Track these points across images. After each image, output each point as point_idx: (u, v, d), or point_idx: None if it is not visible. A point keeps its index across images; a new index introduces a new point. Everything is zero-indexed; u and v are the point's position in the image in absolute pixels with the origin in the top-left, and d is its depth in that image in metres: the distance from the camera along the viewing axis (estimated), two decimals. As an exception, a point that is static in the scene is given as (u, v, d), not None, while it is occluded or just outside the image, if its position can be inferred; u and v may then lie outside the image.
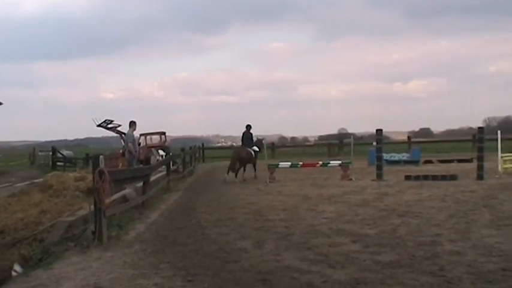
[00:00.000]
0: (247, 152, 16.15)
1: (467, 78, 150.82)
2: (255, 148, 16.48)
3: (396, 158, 21.68)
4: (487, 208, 8.51)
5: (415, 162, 20.85)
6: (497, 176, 13.96)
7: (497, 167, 14.44)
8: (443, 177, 13.70)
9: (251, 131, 16.33)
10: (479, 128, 14.78)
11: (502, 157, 14.50)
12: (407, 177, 14.21)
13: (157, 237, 6.91)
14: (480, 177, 13.50)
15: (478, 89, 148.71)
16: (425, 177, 13.93)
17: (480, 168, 13.68)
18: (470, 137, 31.24)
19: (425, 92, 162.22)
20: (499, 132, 14.66)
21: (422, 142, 39.29)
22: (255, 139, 16.55)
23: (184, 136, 69.01)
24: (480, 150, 14.02)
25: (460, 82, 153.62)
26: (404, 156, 21.89)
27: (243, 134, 16.39)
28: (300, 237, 6.72)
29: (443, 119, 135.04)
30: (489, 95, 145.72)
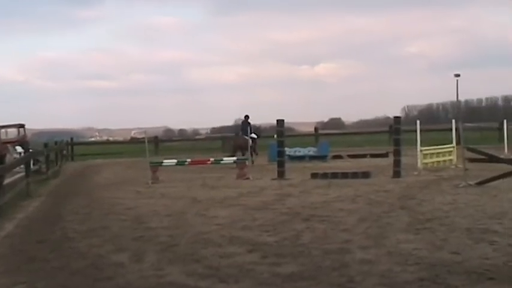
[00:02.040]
0: (245, 140, 20.02)
1: (384, 61, 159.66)
2: (253, 135, 21.19)
3: (301, 153, 22.43)
4: (404, 210, 9.01)
5: (323, 158, 21.72)
6: (416, 173, 14.91)
7: (417, 162, 15.52)
8: (355, 175, 14.36)
9: (249, 120, 21.42)
10: (395, 117, 15.77)
11: (421, 151, 15.62)
12: (314, 176, 14.69)
13: (12, 253, 6.85)
14: (397, 174, 14.36)
15: (396, 73, 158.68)
16: (334, 175, 14.50)
17: (397, 164, 14.60)
18: (386, 128, 33.52)
19: (336, 77, 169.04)
20: (418, 122, 15.80)
21: (331, 134, 41.02)
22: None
23: (50, 129, 65.83)
24: (397, 143, 14.96)
25: (376, 65, 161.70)
26: (310, 151, 22.69)
27: (242, 123, 21.65)
28: (186, 248, 6.71)
29: (357, 108, 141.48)
30: (409, 80, 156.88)
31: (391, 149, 15.93)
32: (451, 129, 17.42)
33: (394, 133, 15.39)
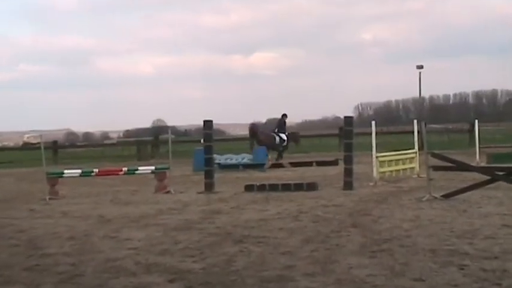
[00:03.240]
0: (270, 137, 24.86)
1: (333, 50, 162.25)
2: (282, 136, 25.29)
3: (234, 161, 22.60)
4: (357, 228, 9.18)
5: (260, 167, 22.02)
6: (371, 184, 15.27)
7: (372, 171, 15.86)
8: (298, 187, 14.54)
9: (285, 119, 26.00)
10: (346, 117, 16.06)
11: (377, 158, 16.01)
12: (249, 188, 14.80)
13: None
14: (348, 185, 14.63)
15: (347, 64, 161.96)
16: (274, 188, 14.65)
17: (348, 173, 14.88)
18: (336, 131, 34.06)
19: (275, 69, 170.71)
20: (373, 123, 16.18)
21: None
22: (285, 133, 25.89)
23: None
24: (348, 148, 15.24)
25: (323, 55, 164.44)
26: (244, 158, 22.88)
27: (278, 121, 26.38)
28: (93, 278, 6.65)
29: (300, 106, 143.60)
30: (363, 72, 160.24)
31: (342, 156, 16.22)
32: (413, 132, 17.91)
33: (345, 136, 15.66)
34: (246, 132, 41.10)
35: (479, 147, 21.79)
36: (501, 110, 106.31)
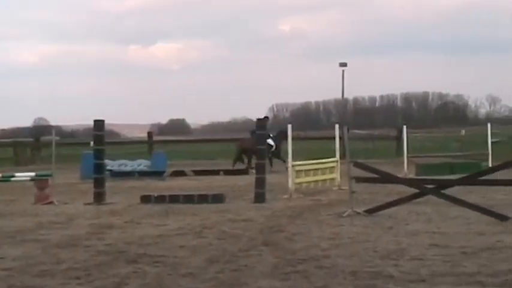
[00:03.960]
0: (253, 142, 23.74)
1: (247, 42, 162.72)
2: (268, 141, 24.01)
3: (129, 168, 22.44)
4: (269, 247, 9.27)
5: (159, 174, 22.01)
6: (286, 196, 15.51)
7: (287, 181, 16.10)
8: (203, 199, 14.61)
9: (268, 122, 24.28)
10: (259, 120, 16.23)
11: (293, 166, 16.25)
12: (145, 199, 14.78)
13: None
14: (260, 198, 14.78)
15: (262, 59, 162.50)
16: (174, 199, 14.67)
17: (260, 183, 15.01)
18: (248, 135, 34.11)
19: (181, 62, 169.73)
20: (289, 126, 16.38)
21: (172, 142, 41.45)
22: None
23: None
24: (261, 155, 15.44)
25: (236, 48, 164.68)
26: (141, 164, 22.78)
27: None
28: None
29: (206, 107, 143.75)
30: (279, 69, 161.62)
31: (253, 164, 16.36)
32: (334, 138, 18.27)
33: (257, 142, 15.81)
34: (144, 134, 40.89)
35: (407, 157, 22.49)
36: (432, 115, 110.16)
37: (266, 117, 25.66)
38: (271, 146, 25.44)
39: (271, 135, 25.91)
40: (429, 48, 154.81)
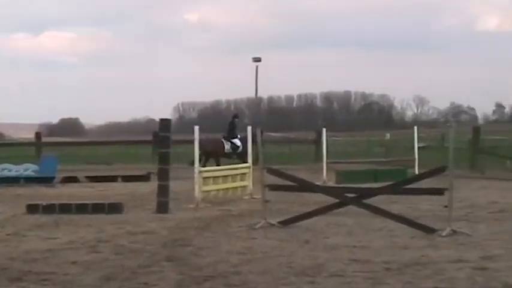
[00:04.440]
0: (217, 144, 26.11)
1: (149, 33, 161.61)
2: (235, 141, 26.24)
3: (13, 173, 21.98)
4: (173, 262, 9.26)
5: (48, 181, 21.71)
6: (192, 206, 15.49)
7: (194, 189, 16.05)
8: (98, 208, 14.46)
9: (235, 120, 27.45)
10: (162, 120, 16.13)
11: (200, 172, 16.23)
12: (32, 208, 14.55)
13: None
14: (163, 207, 14.72)
15: (166, 53, 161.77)
16: (65, 209, 14.47)
17: (163, 191, 14.93)
18: (149, 137, 33.88)
19: (73, 54, 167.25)
20: (196, 128, 16.34)
21: (63, 144, 40.84)
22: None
23: None
24: (164, 159, 15.31)
25: (137, 39, 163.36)
26: (28, 169, 22.33)
27: (229, 123, 27.52)
28: None
29: (103, 105, 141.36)
30: (185, 64, 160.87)
31: (155, 169, 16.29)
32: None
33: (160, 144, 15.72)
34: (31, 135, 40.04)
35: (326, 163, 22.80)
36: (355, 116, 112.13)
37: (236, 116, 28.01)
38: (237, 147, 26.11)
39: (239, 136, 26.46)
40: (352, 45, 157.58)
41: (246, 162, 24.58)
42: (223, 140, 26.62)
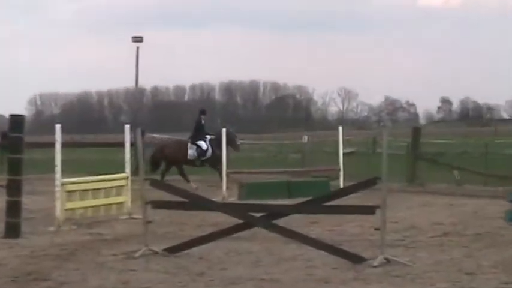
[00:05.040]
0: (178, 147, 26.82)
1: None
2: (201, 144, 26.54)
3: None
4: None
5: None
6: (52, 228, 15.40)
7: (55, 206, 15.94)
8: None
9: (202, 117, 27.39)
10: (13, 117, 15.88)
11: (63, 185, 16.00)
12: None
13: None
14: (13, 230, 14.61)
15: (22, 32, 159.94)
16: None
17: (14, 210, 14.79)
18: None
19: None
20: (58, 127, 16.16)
21: None
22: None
23: None
24: (15, 168, 15.04)
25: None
26: None
27: (197, 122, 27.55)
28: None
29: None
30: (47, 46, 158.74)
31: (3, 180, 16.04)
32: (124, 144, 18.21)
33: (10, 148, 15.50)
34: None
35: (227, 173, 22.85)
36: (264, 113, 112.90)
37: (202, 112, 27.44)
38: (204, 151, 26.10)
39: (208, 137, 26.38)
40: (262, 24, 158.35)
41: (218, 170, 24.74)
42: (189, 143, 26.64)
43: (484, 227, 15.41)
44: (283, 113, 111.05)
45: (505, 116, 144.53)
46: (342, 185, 22.58)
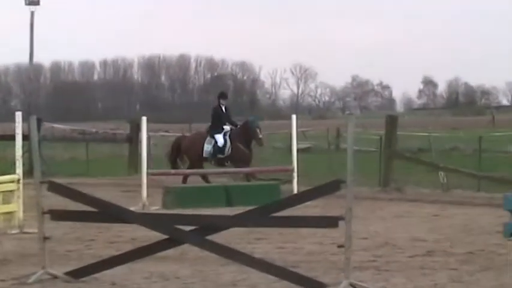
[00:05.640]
0: (191, 141, 26.86)
1: None
2: (218, 138, 26.04)
3: None
4: None
5: None
6: None
7: None
8: None
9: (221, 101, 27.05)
10: None
11: None
12: None
13: None
14: None
15: None
16: None
17: None
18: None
19: None
20: None
21: None
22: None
23: None
24: None
25: None
26: None
27: (213, 109, 27.51)
28: None
29: None
30: None
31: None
32: (14, 136, 18.11)
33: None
34: None
35: (148, 174, 22.87)
36: (196, 97, 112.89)
37: (222, 93, 27.56)
38: (221, 148, 25.84)
39: (227, 127, 26.09)
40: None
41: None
42: (207, 137, 26.27)
43: (476, 244, 15.54)
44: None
45: (505, 102, 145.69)
46: (296, 190, 22.64)
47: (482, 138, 31.75)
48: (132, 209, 16.14)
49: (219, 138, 25.82)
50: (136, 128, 29.06)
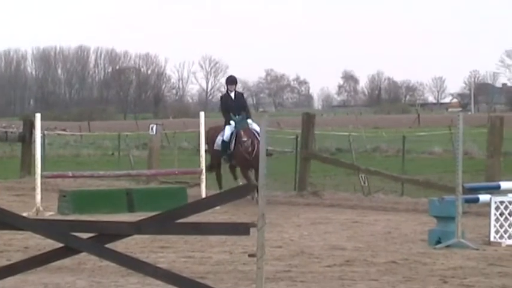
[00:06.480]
0: (214, 132, 26.32)
1: None
2: (225, 132, 25.49)
3: None
4: None
5: None
6: None
7: None
8: None
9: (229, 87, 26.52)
10: None
11: None
12: None
13: None
14: None
15: None
16: None
17: None
18: None
19: None
20: None
21: None
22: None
23: None
24: None
25: None
26: None
27: (221, 97, 27.52)
28: None
29: None
30: None
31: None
32: None
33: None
34: None
35: (42, 176, 22.80)
36: (95, 93, 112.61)
37: (229, 78, 26.71)
38: (227, 142, 25.10)
39: (235, 119, 25.21)
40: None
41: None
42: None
43: (399, 253, 15.67)
44: (123, 93, 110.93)
45: (431, 99, 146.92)
46: (204, 194, 22.68)
47: (406, 138, 32.08)
48: (24, 214, 16.08)
49: (226, 130, 25.24)
50: (30, 126, 28.93)
